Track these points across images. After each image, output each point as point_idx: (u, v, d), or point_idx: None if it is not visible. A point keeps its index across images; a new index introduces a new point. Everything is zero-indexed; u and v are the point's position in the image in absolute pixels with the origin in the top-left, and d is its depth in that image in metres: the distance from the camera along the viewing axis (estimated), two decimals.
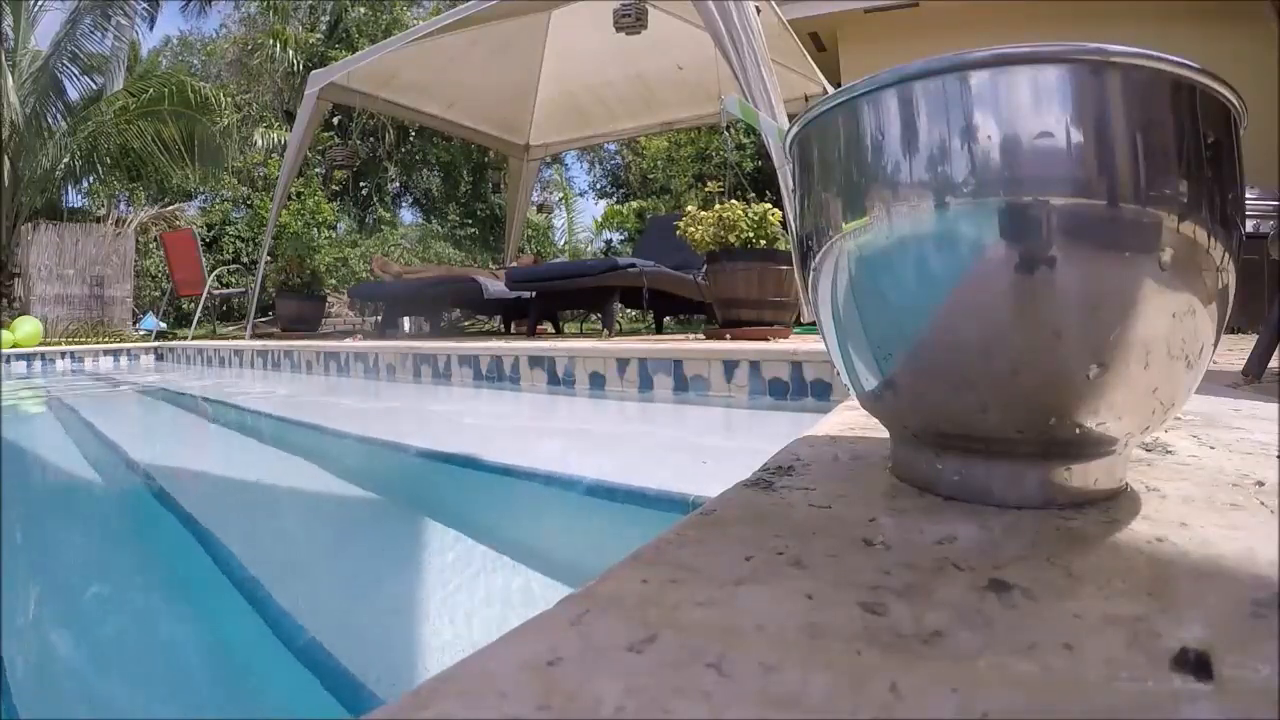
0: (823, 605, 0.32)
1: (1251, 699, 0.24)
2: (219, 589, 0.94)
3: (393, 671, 0.71)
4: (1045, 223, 0.38)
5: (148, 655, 0.80)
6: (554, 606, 0.33)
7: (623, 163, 13.42)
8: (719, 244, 3.19)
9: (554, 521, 1.32)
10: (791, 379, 2.24)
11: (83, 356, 5.84)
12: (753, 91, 3.36)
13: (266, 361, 4.63)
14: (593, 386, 2.71)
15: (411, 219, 14.35)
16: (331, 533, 1.28)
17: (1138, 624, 0.30)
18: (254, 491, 1.57)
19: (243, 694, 0.71)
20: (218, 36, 13.60)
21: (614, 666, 0.27)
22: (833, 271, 0.47)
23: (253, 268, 7.41)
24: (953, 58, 0.40)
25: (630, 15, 3.98)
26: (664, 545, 0.41)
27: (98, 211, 9.93)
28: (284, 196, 5.97)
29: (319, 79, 5.78)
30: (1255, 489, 0.51)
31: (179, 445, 2.32)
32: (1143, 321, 0.39)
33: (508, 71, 6.20)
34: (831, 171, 0.48)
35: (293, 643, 0.76)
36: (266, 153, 11.22)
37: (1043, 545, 0.39)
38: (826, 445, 0.70)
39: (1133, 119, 0.39)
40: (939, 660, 0.27)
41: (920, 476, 0.50)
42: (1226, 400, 1.02)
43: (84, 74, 9.48)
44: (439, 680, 0.26)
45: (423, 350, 3.49)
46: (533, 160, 7.80)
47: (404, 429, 2.38)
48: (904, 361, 0.46)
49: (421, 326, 7.54)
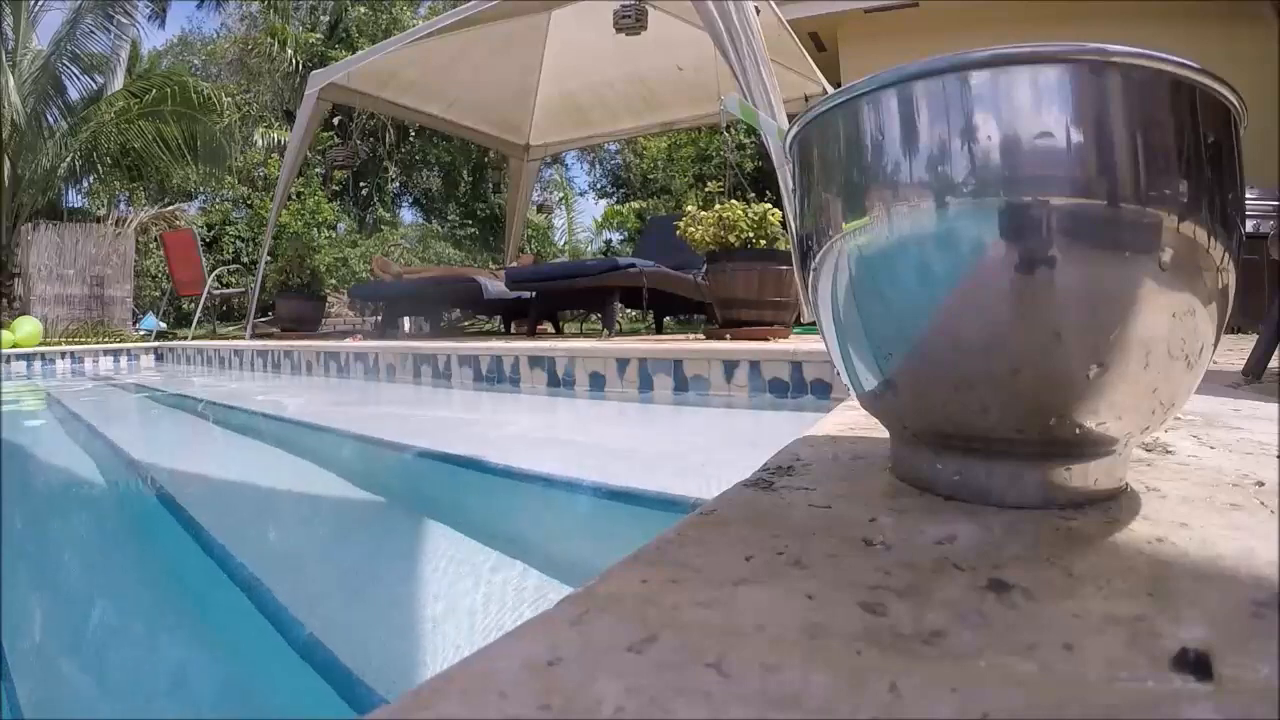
0: (823, 605, 0.32)
1: (1251, 699, 0.24)
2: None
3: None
4: (1045, 223, 0.38)
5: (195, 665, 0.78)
6: (554, 606, 0.33)
7: (623, 163, 13.43)
8: (719, 244, 3.19)
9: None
10: (791, 379, 2.24)
11: (83, 357, 5.84)
12: (752, 91, 3.36)
13: (267, 362, 4.63)
14: (593, 387, 2.71)
15: (411, 219, 14.37)
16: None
17: (1138, 624, 0.30)
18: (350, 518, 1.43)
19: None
20: (218, 36, 13.62)
21: (614, 666, 0.27)
22: (833, 271, 0.47)
23: (253, 268, 7.41)
24: (953, 58, 0.40)
25: (630, 16, 3.98)
26: (664, 545, 0.41)
27: (98, 211, 9.93)
28: (284, 196, 5.97)
29: (319, 79, 5.78)
30: (1255, 489, 0.51)
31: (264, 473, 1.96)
32: (1143, 321, 0.39)
33: (508, 71, 6.19)
34: (831, 171, 0.48)
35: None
36: (266, 153, 11.22)
37: (1043, 545, 0.39)
38: (826, 445, 0.70)
39: (1133, 119, 0.39)
40: (939, 660, 0.27)
41: (920, 476, 0.50)
42: (1226, 400, 1.02)
43: (85, 74, 9.48)
44: (440, 680, 0.26)
45: (423, 350, 3.49)
46: (533, 160, 7.79)
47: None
48: (904, 361, 0.46)
49: (421, 326, 7.54)
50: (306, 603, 0.91)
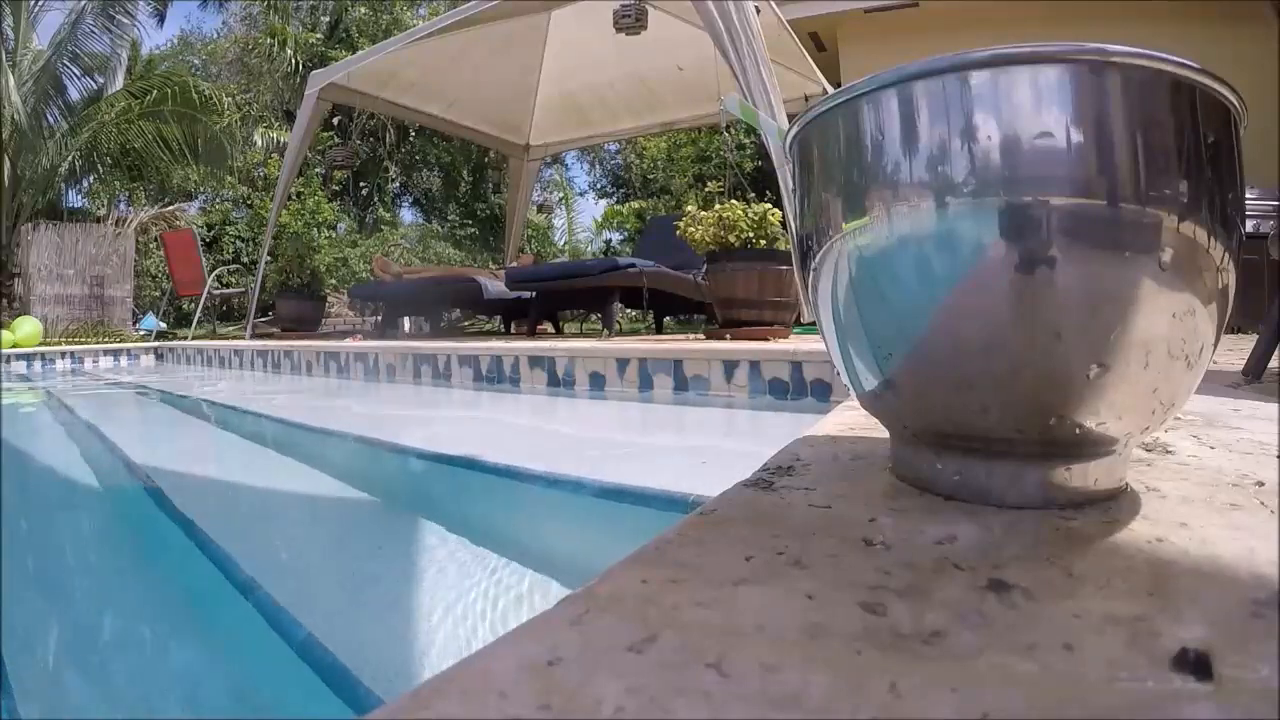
0: (823, 605, 0.32)
1: (1251, 699, 0.24)
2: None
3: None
4: (1045, 223, 0.38)
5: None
6: (554, 606, 0.32)
7: (623, 163, 13.42)
8: (719, 244, 3.19)
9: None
10: (791, 379, 2.24)
11: (83, 356, 5.84)
12: (752, 91, 3.36)
13: (267, 362, 4.63)
14: (593, 387, 2.71)
15: (411, 219, 14.38)
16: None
17: (1138, 624, 0.29)
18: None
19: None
20: (218, 36, 13.62)
21: (614, 666, 0.27)
22: (833, 271, 0.47)
23: (253, 268, 7.40)
24: (953, 58, 0.40)
25: (630, 15, 3.98)
26: (664, 545, 0.41)
27: (98, 211, 9.94)
28: (284, 196, 5.97)
29: (319, 79, 5.79)
30: (1255, 489, 0.51)
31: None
32: (1143, 321, 0.39)
33: (508, 71, 6.19)
34: (831, 171, 0.48)
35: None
36: (266, 153, 11.21)
37: (1043, 545, 0.39)
38: (826, 445, 0.70)
39: (1133, 119, 0.39)
40: (939, 660, 0.27)
41: (920, 476, 0.50)
42: (1226, 400, 1.02)
43: (85, 74, 9.49)
44: (439, 680, 0.26)
45: (423, 350, 3.49)
46: (533, 160, 7.80)
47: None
48: (904, 361, 0.46)
49: (421, 326, 7.54)
50: (271, 573, 0.91)
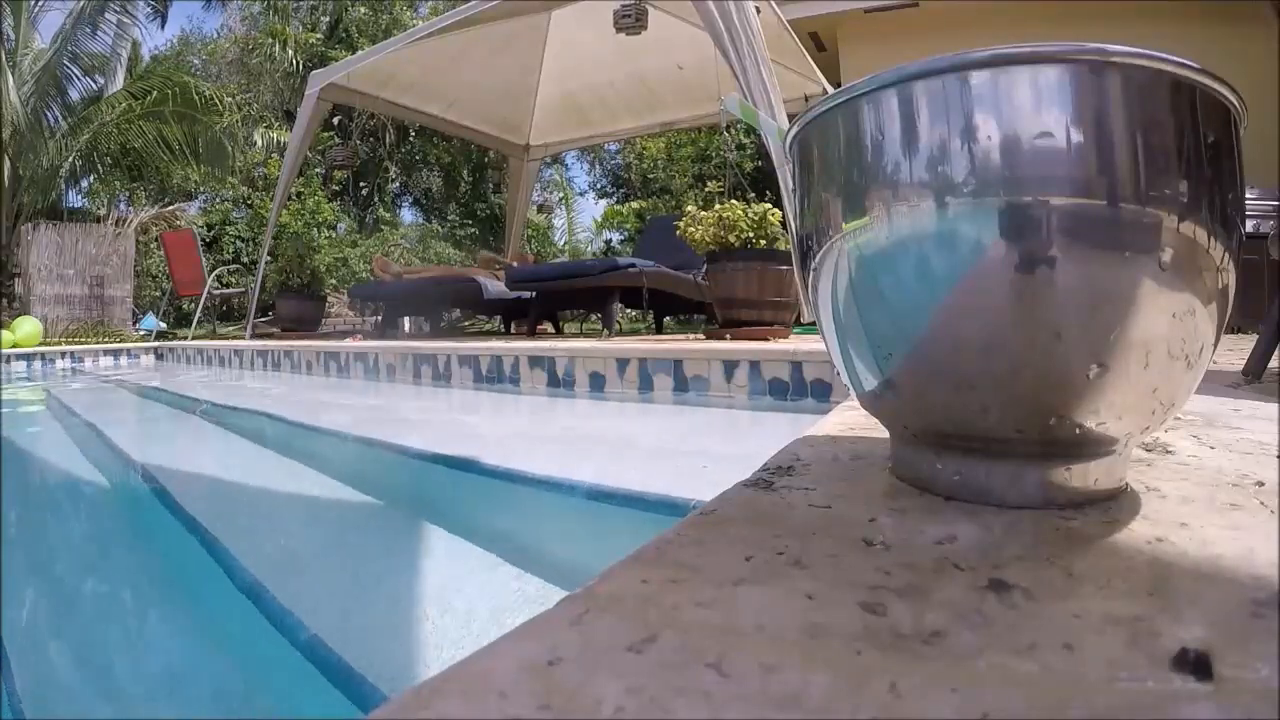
0: (823, 605, 0.32)
1: (1251, 699, 0.24)
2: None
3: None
4: (1045, 223, 0.38)
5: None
6: (554, 606, 0.33)
7: (623, 163, 13.42)
8: (719, 244, 3.19)
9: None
10: (791, 379, 2.24)
11: (83, 356, 5.84)
12: (753, 91, 3.36)
13: (267, 362, 4.63)
14: (593, 387, 2.71)
15: (411, 219, 14.38)
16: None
17: (1138, 624, 0.29)
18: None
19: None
20: (218, 36, 13.62)
21: (614, 666, 0.27)
22: (833, 271, 0.47)
23: (253, 268, 7.41)
24: (953, 58, 0.40)
25: (630, 15, 3.98)
26: (664, 545, 0.41)
27: (98, 211, 9.93)
28: (284, 196, 5.97)
29: (319, 79, 5.78)
30: (1255, 489, 0.51)
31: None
32: (1143, 321, 0.39)
33: (508, 71, 6.19)
34: (831, 171, 0.48)
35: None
36: (266, 153, 11.22)
37: (1043, 545, 0.39)
38: (826, 445, 0.70)
39: (1133, 119, 0.39)
40: (939, 660, 0.27)
41: (920, 476, 0.50)
42: (1226, 400, 1.02)
43: (85, 74, 9.49)
44: (440, 680, 0.26)
45: (422, 350, 3.49)
46: (533, 160, 7.79)
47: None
48: (904, 361, 0.46)
49: (421, 326, 7.54)
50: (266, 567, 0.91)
